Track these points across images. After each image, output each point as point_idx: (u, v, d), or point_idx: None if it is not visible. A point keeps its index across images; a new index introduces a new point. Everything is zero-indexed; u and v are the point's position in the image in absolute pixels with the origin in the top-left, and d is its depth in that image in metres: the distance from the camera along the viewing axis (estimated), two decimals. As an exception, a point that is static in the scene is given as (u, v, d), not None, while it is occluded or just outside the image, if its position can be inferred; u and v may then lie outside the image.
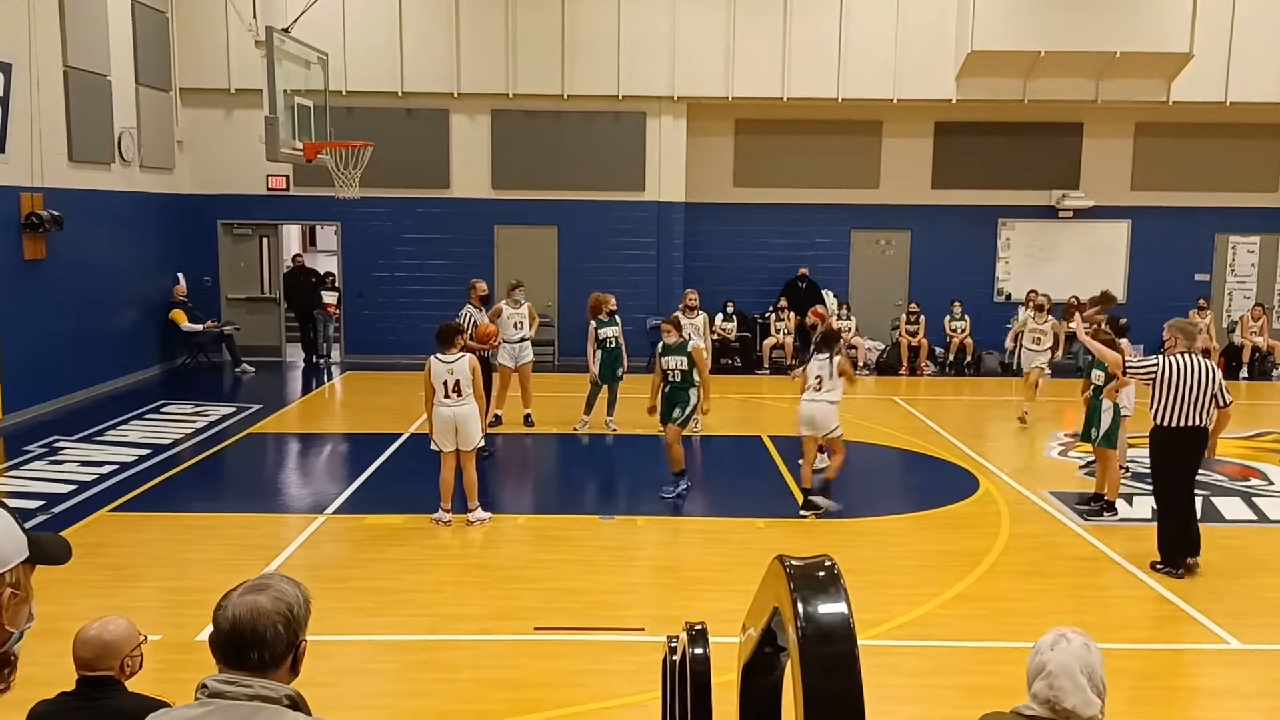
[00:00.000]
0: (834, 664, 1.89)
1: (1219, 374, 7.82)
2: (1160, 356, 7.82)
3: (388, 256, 17.94)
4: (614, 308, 12.62)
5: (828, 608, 1.97)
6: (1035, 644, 2.69)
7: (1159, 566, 7.88)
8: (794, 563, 2.13)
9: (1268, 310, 18.12)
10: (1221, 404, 7.76)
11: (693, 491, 9.86)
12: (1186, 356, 7.71)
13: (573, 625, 6.82)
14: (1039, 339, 13.83)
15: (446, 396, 8.82)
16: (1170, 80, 17.20)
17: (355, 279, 18.08)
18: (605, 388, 12.58)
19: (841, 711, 1.86)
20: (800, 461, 9.47)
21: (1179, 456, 7.74)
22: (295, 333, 18.40)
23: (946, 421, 13.49)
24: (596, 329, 12.38)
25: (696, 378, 9.97)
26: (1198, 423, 7.65)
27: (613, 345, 12.41)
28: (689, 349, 9.80)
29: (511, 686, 5.96)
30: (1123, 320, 11.09)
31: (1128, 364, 8.04)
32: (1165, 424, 7.70)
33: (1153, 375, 7.71)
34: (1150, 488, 8.42)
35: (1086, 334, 8.96)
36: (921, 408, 14.64)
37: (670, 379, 9.83)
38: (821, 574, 2.06)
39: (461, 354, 8.98)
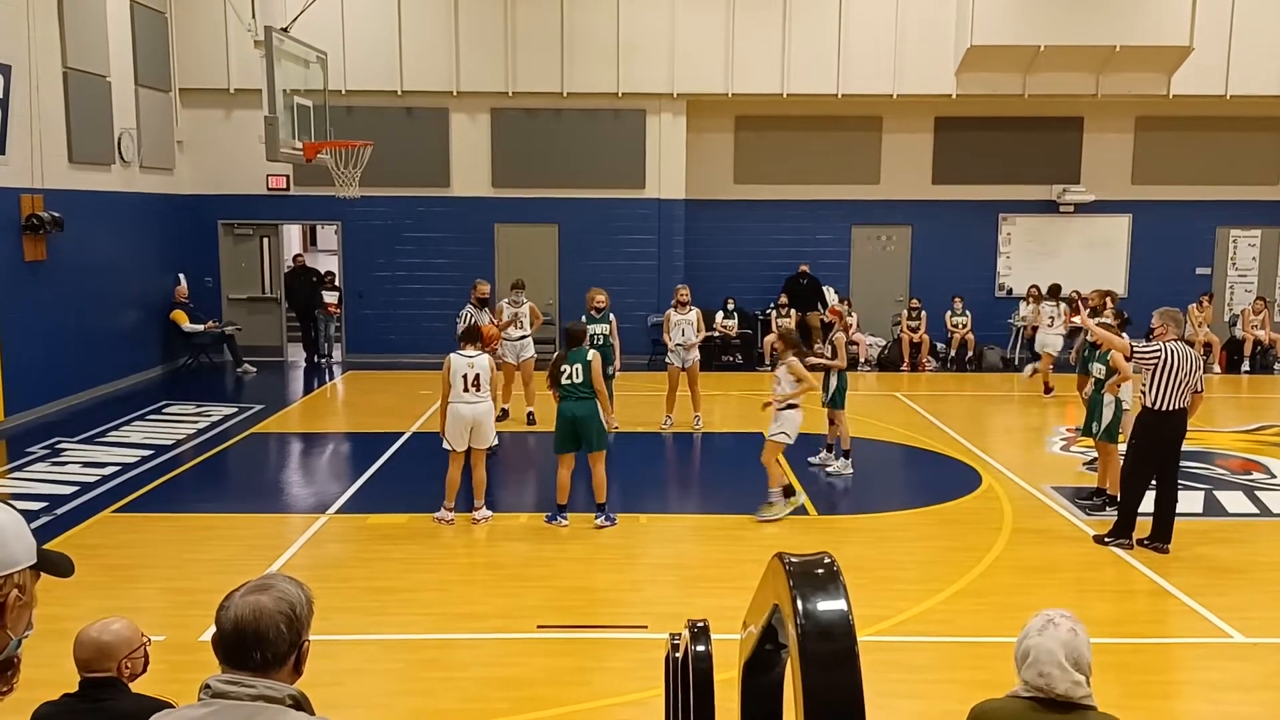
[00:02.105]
0: (834, 661, 1.89)
1: (1200, 362, 8.29)
2: (1160, 344, 8.07)
3: (388, 256, 17.95)
4: (601, 304, 12.37)
5: (827, 605, 1.97)
6: (1024, 627, 2.74)
7: (1145, 542, 8.22)
8: (793, 560, 2.13)
9: (1269, 304, 18.10)
10: (1198, 389, 8.13)
11: (693, 489, 9.85)
12: (1180, 344, 8.09)
13: (576, 623, 6.83)
14: (775, 384, 9.06)
15: (465, 391, 8.80)
16: (1170, 74, 17.19)
17: (356, 278, 18.09)
18: None
19: (841, 708, 1.86)
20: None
21: (1165, 437, 8.09)
22: (296, 333, 18.40)
23: (948, 417, 13.48)
24: (586, 324, 12.34)
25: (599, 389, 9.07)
26: (1182, 405, 8.04)
27: (600, 342, 12.25)
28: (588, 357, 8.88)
29: (515, 685, 5.97)
30: (1125, 315, 11.06)
31: (1135, 350, 8.21)
32: (1157, 408, 8.03)
33: (1156, 361, 7.98)
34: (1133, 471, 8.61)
35: (1097, 325, 9.13)
36: (923, 403, 14.64)
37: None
38: (820, 571, 2.07)
39: (481, 351, 9.01)
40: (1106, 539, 8.37)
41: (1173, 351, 7.98)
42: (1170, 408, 8.00)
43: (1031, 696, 2.66)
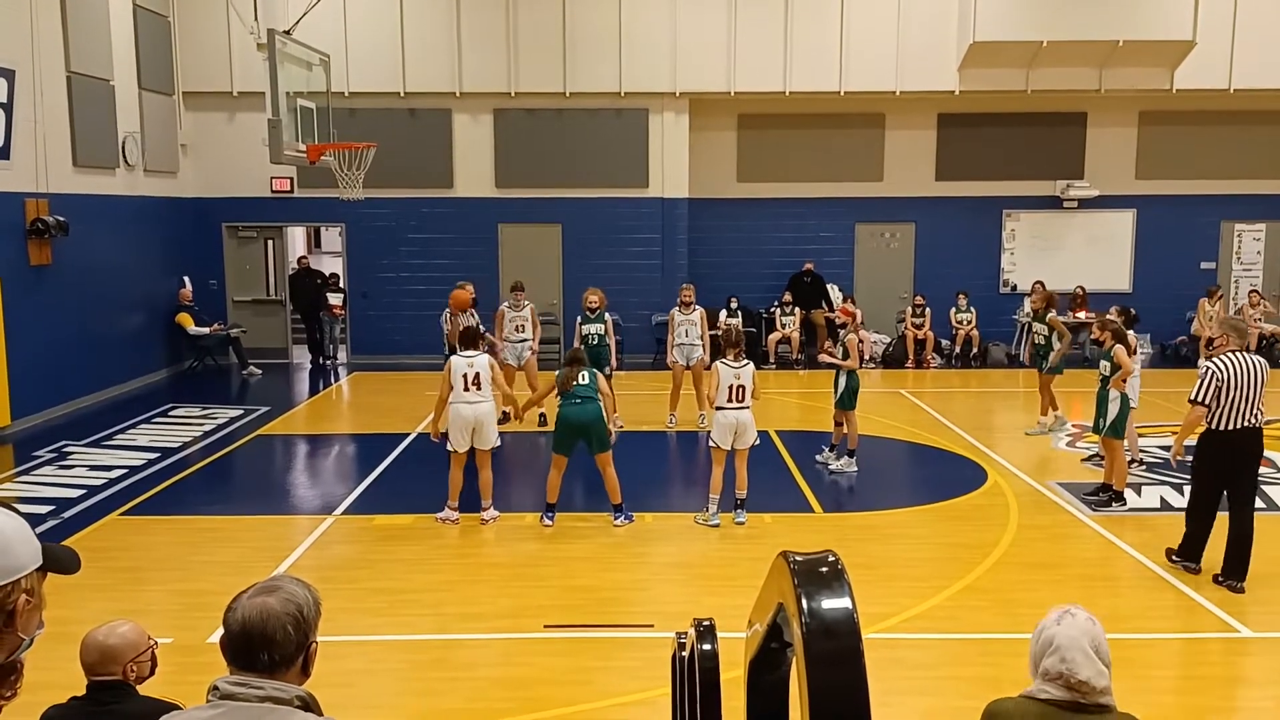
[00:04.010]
0: (838, 659, 1.89)
1: (1267, 369, 7.39)
2: (1212, 363, 7.29)
3: (392, 257, 17.97)
4: (594, 304, 12.32)
5: (831, 603, 1.97)
6: (1039, 624, 2.71)
7: (1176, 559, 7.75)
8: (797, 558, 2.13)
9: (1265, 297, 18.04)
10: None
11: (698, 488, 9.84)
12: (1239, 355, 7.26)
13: (582, 623, 6.83)
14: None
15: (466, 390, 8.83)
16: (1174, 68, 17.15)
17: (360, 280, 18.12)
18: None
19: (846, 706, 1.86)
20: None
21: (1233, 459, 7.35)
22: (301, 334, 18.44)
23: (953, 414, 13.47)
24: (581, 324, 12.39)
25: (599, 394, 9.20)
26: (1252, 423, 7.25)
27: (594, 342, 12.24)
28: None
29: (521, 684, 5.98)
30: (1132, 310, 11.05)
31: (1196, 400, 7.27)
32: (1218, 428, 7.25)
33: (1219, 385, 7.19)
34: (1186, 485, 8.21)
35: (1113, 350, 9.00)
36: (928, 400, 14.63)
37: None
38: (825, 569, 2.07)
39: (480, 352, 9.05)
40: (1175, 558, 7.76)
41: (1226, 365, 7.16)
42: (1232, 426, 7.18)
43: (1048, 699, 2.61)
